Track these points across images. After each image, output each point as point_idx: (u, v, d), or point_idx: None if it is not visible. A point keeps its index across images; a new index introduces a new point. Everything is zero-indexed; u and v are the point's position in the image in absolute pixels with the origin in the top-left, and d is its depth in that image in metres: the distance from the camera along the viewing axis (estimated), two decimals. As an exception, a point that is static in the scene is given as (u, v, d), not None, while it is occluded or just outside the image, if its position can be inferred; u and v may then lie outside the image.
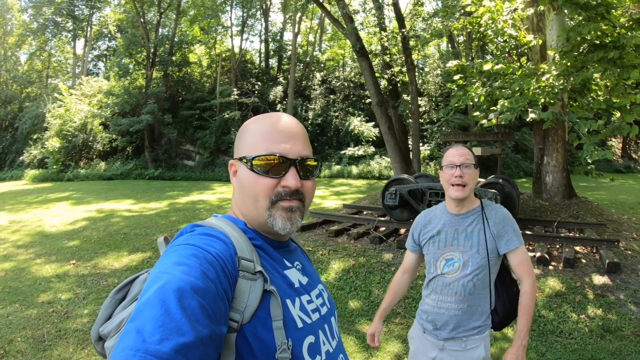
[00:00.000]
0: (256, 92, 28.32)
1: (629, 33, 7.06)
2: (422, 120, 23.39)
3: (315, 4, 15.99)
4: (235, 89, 26.98)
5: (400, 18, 15.25)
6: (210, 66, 32.40)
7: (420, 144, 22.17)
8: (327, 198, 14.52)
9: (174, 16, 29.23)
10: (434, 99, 24.62)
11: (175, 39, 29.49)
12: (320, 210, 10.90)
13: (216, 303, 0.82)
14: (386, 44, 15.40)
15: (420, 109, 23.83)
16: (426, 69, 26.89)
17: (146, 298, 0.78)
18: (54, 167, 24.92)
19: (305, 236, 8.11)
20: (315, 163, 1.12)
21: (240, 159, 1.07)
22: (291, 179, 1.04)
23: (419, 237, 2.32)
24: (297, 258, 1.18)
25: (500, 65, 8.23)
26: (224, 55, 31.62)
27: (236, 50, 30.51)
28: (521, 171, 21.43)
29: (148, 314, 0.75)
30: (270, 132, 1.07)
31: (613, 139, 27.06)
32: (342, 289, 5.64)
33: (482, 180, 8.29)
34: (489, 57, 17.14)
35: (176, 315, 0.74)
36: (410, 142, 16.36)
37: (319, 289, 1.17)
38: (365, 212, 9.97)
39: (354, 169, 22.54)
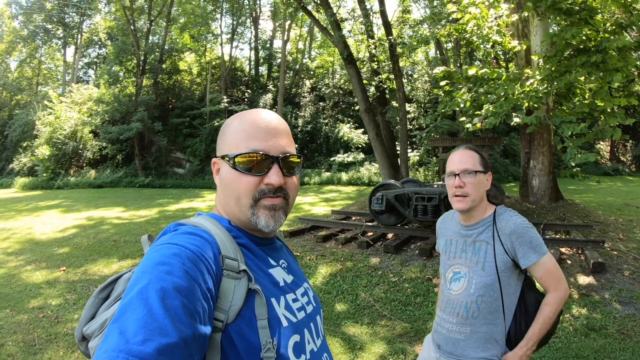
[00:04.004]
0: (246, 99, 28.38)
1: (612, 37, 7.19)
2: (411, 127, 23.54)
3: (304, 12, 16.09)
4: (225, 97, 26.99)
5: (387, 25, 15.41)
6: (200, 74, 32.41)
7: (410, 150, 22.36)
8: (316, 204, 14.55)
9: (164, 24, 29.29)
10: (422, 105, 24.80)
11: (166, 47, 29.50)
12: (309, 216, 10.91)
13: (199, 302, 0.82)
14: (374, 51, 15.52)
15: (409, 115, 24.03)
16: (415, 76, 27.12)
17: (129, 298, 0.78)
18: (44, 175, 24.73)
19: (294, 242, 8.13)
20: (298, 160, 1.10)
21: (223, 157, 1.06)
22: (274, 176, 1.03)
23: (438, 241, 2.16)
24: (282, 256, 1.17)
25: (484, 70, 8.33)
26: (214, 62, 31.65)
27: (226, 57, 30.55)
28: (510, 175, 21.59)
29: (131, 315, 0.74)
30: (251, 130, 1.05)
31: (601, 142, 27.35)
32: (330, 292, 5.65)
33: None
34: (477, 63, 17.38)
35: (159, 316, 0.74)
36: (398, 148, 16.45)
37: (304, 287, 1.16)
38: (353, 218, 10.00)
39: (344, 176, 22.59)
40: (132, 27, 26.77)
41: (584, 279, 5.51)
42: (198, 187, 23.26)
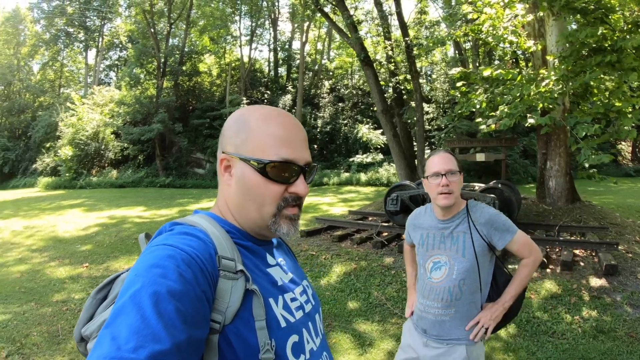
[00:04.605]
0: (265, 100, 28.60)
1: (628, 36, 7.12)
2: (429, 127, 23.46)
3: (320, 15, 16.21)
4: (244, 98, 27.24)
5: (403, 26, 15.43)
6: (220, 75, 32.77)
7: (428, 150, 22.27)
8: (334, 205, 14.63)
9: (184, 27, 29.72)
10: (441, 105, 24.68)
11: (186, 49, 29.92)
12: (326, 216, 11.02)
13: (194, 306, 0.80)
14: (390, 52, 15.57)
15: (428, 116, 23.95)
16: (434, 76, 26.99)
17: (121, 303, 0.77)
18: (67, 174, 25.41)
19: (310, 241, 8.24)
20: (314, 167, 1.10)
21: (247, 160, 1.01)
22: (302, 186, 1.03)
23: (411, 234, 2.36)
24: (280, 254, 1.17)
25: (499, 71, 8.32)
26: (233, 64, 31.98)
27: (245, 59, 30.88)
28: (529, 176, 21.30)
29: (123, 320, 0.74)
30: (281, 136, 1.02)
31: (622, 143, 26.69)
32: (343, 290, 5.76)
33: (483, 185, 8.36)
34: (497, 62, 17.27)
35: (152, 321, 0.73)
36: (416, 149, 16.46)
37: (303, 285, 1.15)
38: (370, 218, 10.07)
39: (363, 176, 22.60)
40: (152, 30, 27.28)
41: (596, 281, 5.51)
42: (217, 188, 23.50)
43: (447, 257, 2.12)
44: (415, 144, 16.80)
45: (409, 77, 16.17)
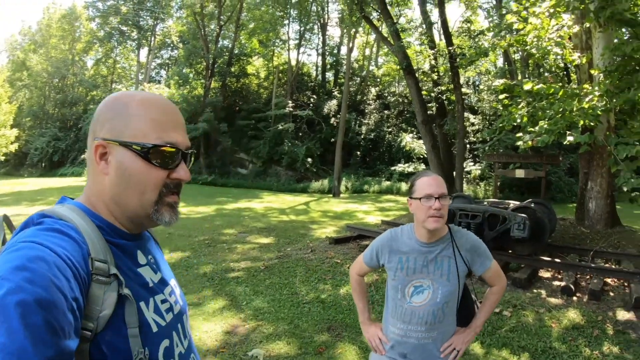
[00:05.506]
0: (311, 104, 28.70)
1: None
2: (474, 139, 22.85)
3: (365, 22, 16.11)
4: (290, 101, 27.45)
5: (447, 36, 15.10)
6: (267, 78, 33.22)
7: (472, 164, 21.70)
8: (370, 213, 14.46)
9: (234, 29, 30.33)
10: (487, 117, 23.98)
11: (235, 51, 30.50)
12: (360, 224, 10.90)
13: (65, 316, 0.74)
14: (433, 62, 15.28)
15: (474, 127, 23.34)
16: (481, 86, 26.27)
17: None
18: (113, 166, 26.45)
19: (337, 249, 8.14)
20: (193, 153, 1.08)
21: (126, 145, 0.95)
22: (183, 171, 1.01)
23: (385, 258, 2.24)
24: (150, 251, 1.11)
25: (540, 86, 7.97)
26: (281, 67, 32.34)
27: (293, 63, 31.14)
28: (574, 195, 20.25)
29: None
30: (163, 120, 0.99)
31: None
32: (358, 302, 5.63)
33: (517, 203, 7.99)
34: (546, 75, 16.60)
35: (18, 336, 0.67)
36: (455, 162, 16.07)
37: (171, 285, 1.11)
38: (400, 229, 9.86)
39: (404, 186, 22.25)
40: (202, 32, 28.03)
41: (623, 315, 5.10)
42: (259, 189, 23.73)
43: (430, 281, 2.10)
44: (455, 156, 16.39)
45: (451, 87, 15.83)
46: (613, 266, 6.87)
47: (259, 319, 4.93)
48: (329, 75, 34.37)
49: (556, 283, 6.15)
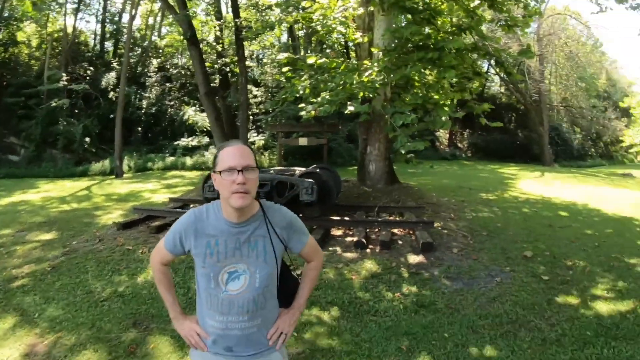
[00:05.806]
0: (88, 77, 25.29)
1: (451, 37, 7.91)
2: (257, 110, 23.55)
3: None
4: (64, 74, 23.66)
5: (235, 8, 15.04)
6: (39, 47, 27.96)
7: (255, 134, 22.43)
8: (157, 192, 13.58)
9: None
10: (270, 89, 24.92)
11: (5, 14, 24.83)
12: (147, 205, 10.20)
13: None
14: (218, 33, 15.10)
15: (257, 99, 24.06)
16: (265, 60, 27.06)
17: None
18: None
19: (127, 234, 7.30)
20: None
21: None
22: None
23: (190, 243, 1.93)
24: None
25: (324, 60, 8.61)
26: (55, 35, 27.58)
27: (70, 30, 26.78)
28: (353, 159, 22.63)
29: None
30: None
31: (440, 130, 30.26)
32: (163, 286, 5.26)
33: (303, 169, 8.42)
34: (328, 51, 17.97)
35: None
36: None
37: None
38: (191, 205, 9.51)
39: (188, 160, 21.59)
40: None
41: (414, 258, 5.92)
42: (34, 177, 19.55)
43: (246, 265, 1.88)
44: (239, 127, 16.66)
45: (235, 59, 15.90)
46: (397, 218, 7.89)
47: (56, 330, 4.16)
48: (108, 45, 30.64)
49: (349, 239, 6.65)
